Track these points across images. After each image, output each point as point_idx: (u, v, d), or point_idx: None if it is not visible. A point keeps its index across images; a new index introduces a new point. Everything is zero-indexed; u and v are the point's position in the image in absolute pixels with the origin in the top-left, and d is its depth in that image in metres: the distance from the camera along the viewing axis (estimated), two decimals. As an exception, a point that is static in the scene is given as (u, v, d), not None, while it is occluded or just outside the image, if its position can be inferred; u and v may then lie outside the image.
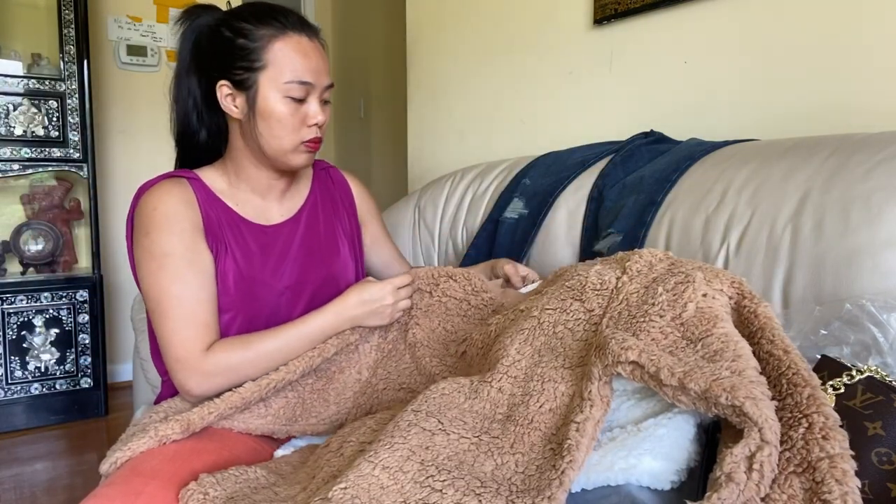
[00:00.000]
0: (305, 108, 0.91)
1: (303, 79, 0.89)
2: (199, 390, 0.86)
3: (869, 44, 1.03)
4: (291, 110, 0.90)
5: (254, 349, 0.88)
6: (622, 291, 0.73)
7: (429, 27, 2.07)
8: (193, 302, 0.87)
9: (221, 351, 0.86)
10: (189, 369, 0.85)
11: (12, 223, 2.40)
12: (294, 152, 0.93)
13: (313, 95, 0.91)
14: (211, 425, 0.85)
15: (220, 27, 0.91)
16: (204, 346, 0.86)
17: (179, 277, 0.87)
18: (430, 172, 2.06)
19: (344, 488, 0.58)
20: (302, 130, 0.92)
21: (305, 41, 0.90)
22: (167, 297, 0.87)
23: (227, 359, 0.86)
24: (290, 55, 0.88)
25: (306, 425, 0.91)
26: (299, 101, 0.90)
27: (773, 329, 0.63)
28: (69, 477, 1.92)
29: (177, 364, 0.86)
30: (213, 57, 0.91)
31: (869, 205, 0.76)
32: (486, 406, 0.71)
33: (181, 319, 0.86)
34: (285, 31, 0.89)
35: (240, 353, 0.87)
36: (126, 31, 2.72)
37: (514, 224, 1.26)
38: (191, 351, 0.86)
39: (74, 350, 2.34)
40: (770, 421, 0.51)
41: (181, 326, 0.86)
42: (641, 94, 1.41)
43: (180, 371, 0.86)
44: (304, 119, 0.91)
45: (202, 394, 0.87)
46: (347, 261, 1.07)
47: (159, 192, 0.90)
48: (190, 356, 0.86)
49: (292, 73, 0.88)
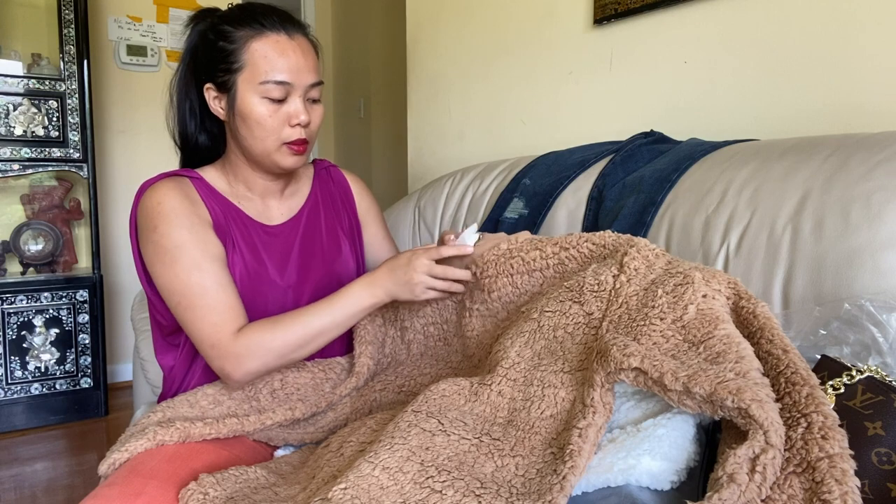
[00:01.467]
0: (286, 108, 0.89)
1: (278, 78, 0.87)
2: (237, 374, 0.84)
3: (869, 44, 1.03)
4: (271, 111, 0.88)
5: (285, 327, 0.85)
6: (621, 294, 0.72)
7: (429, 27, 2.07)
8: (216, 287, 0.85)
9: (252, 332, 0.84)
10: (223, 355, 0.84)
11: (12, 223, 2.40)
12: (278, 153, 0.91)
13: (295, 95, 0.89)
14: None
15: (207, 31, 0.91)
16: (234, 328, 0.84)
17: (196, 266, 0.85)
18: (430, 172, 2.05)
19: (344, 489, 0.58)
20: (284, 131, 0.89)
21: (284, 40, 0.88)
22: (188, 287, 0.85)
23: (258, 338, 0.84)
24: (266, 55, 0.87)
25: (304, 433, 0.90)
26: (279, 101, 0.88)
27: (772, 329, 0.62)
28: (69, 477, 1.92)
29: (212, 351, 0.84)
30: (202, 60, 0.92)
31: (869, 205, 0.75)
32: (486, 409, 0.70)
33: (207, 308, 0.84)
34: (263, 32, 0.88)
35: (270, 332, 0.84)
36: (126, 31, 2.72)
37: (514, 224, 1.26)
38: (221, 335, 0.84)
39: (74, 350, 2.34)
40: (776, 424, 0.51)
41: (208, 313, 0.84)
42: (641, 94, 1.41)
43: (216, 358, 0.84)
44: (287, 119, 0.89)
45: (242, 378, 0.85)
46: (349, 259, 1.07)
47: (162, 188, 0.89)
48: (221, 340, 0.84)
49: (267, 73, 0.87)
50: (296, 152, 0.92)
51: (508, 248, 0.88)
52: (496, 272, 0.88)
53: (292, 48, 0.89)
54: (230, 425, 0.84)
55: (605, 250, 0.80)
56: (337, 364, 0.99)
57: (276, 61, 0.87)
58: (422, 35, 2.10)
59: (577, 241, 0.83)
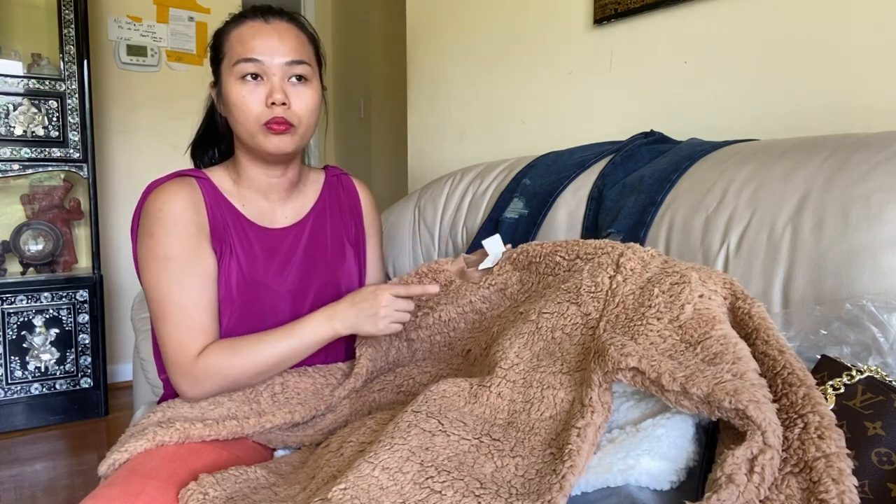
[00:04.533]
0: (262, 87, 0.89)
1: (248, 55, 0.88)
2: (191, 393, 0.88)
3: (869, 44, 1.03)
4: (247, 91, 0.89)
5: (242, 354, 0.88)
6: (617, 294, 0.72)
7: (429, 27, 2.07)
8: (192, 307, 0.88)
9: (210, 356, 0.87)
10: (181, 373, 0.87)
11: (12, 223, 2.40)
12: (260, 135, 0.91)
13: (270, 73, 0.89)
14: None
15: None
16: (197, 350, 0.87)
17: (179, 282, 0.88)
18: (430, 172, 2.05)
19: (344, 489, 0.58)
20: (261, 111, 0.90)
21: (259, 24, 0.91)
22: (167, 301, 0.87)
23: (215, 364, 0.87)
24: (240, 39, 0.90)
25: (304, 436, 0.90)
26: (255, 81, 0.89)
27: (767, 329, 0.62)
28: (69, 477, 1.92)
29: (172, 366, 0.88)
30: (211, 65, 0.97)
31: (869, 205, 0.75)
32: (485, 411, 0.70)
33: (178, 324, 0.87)
34: (242, 21, 0.92)
35: (227, 358, 0.87)
36: (126, 31, 2.72)
37: (514, 224, 1.26)
38: (184, 355, 0.87)
39: (74, 350, 2.34)
40: (773, 425, 0.51)
41: (177, 330, 0.87)
42: (641, 94, 1.41)
43: (174, 374, 0.88)
44: (264, 99, 0.90)
45: (196, 397, 0.89)
46: (352, 268, 1.07)
47: (167, 192, 0.90)
48: (183, 360, 0.87)
49: (240, 53, 0.89)
50: (275, 132, 0.90)
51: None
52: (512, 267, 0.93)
53: (266, 30, 0.91)
54: (230, 427, 0.84)
55: (599, 251, 0.81)
56: (338, 370, 1.00)
57: (248, 42, 0.90)
58: (422, 35, 2.10)
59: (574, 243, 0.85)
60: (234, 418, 0.86)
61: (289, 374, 0.95)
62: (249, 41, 0.89)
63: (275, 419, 0.87)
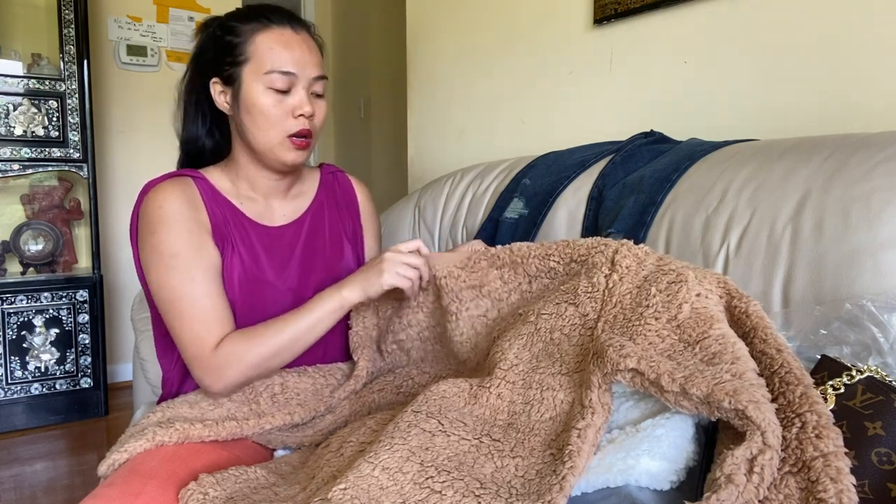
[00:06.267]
0: (290, 99, 0.90)
1: (283, 68, 0.88)
2: (216, 387, 0.87)
3: (868, 43, 1.03)
4: (274, 101, 0.89)
5: (259, 338, 0.87)
6: (615, 293, 0.72)
7: (429, 27, 2.07)
8: (204, 299, 0.87)
9: (228, 344, 0.86)
10: (203, 367, 0.86)
11: (12, 223, 2.40)
12: (281, 147, 0.92)
13: (298, 86, 0.90)
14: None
15: (214, 29, 0.93)
16: (215, 342, 0.86)
17: (189, 277, 0.87)
18: (430, 172, 2.05)
19: (344, 489, 0.58)
20: (288, 122, 0.90)
21: (289, 33, 0.90)
22: (178, 298, 0.87)
23: (234, 350, 0.86)
24: (271, 46, 0.89)
25: (303, 437, 0.90)
26: (283, 92, 0.89)
27: (765, 328, 0.62)
28: (69, 477, 1.92)
29: (193, 362, 0.87)
30: (208, 57, 0.93)
31: (869, 205, 0.75)
32: (485, 412, 0.70)
33: (193, 319, 0.86)
34: (268, 25, 0.90)
35: (245, 343, 0.86)
36: (126, 31, 2.72)
37: (514, 224, 1.26)
38: (203, 348, 0.86)
39: (74, 350, 2.34)
40: (773, 425, 0.51)
41: (193, 325, 0.86)
42: (641, 94, 1.41)
43: (197, 369, 0.87)
44: (291, 111, 0.90)
45: (222, 389, 0.87)
46: (351, 263, 1.07)
47: (165, 190, 0.90)
48: (202, 353, 0.86)
49: (272, 63, 0.88)
50: (298, 146, 0.92)
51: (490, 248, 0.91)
52: (488, 265, 0.90)
53: (297, 41, 0.90)
54: (229, 428, 0.84)
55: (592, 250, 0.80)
56: (338, 370, 1.00)
57: (281, 53, 0.89)
58: (422, 35, 2.10)
59: (559, 243, 0.84)
60: (234, 419, 0.86)
61: (288, 374, 0.95)
62: (282, 51, 0.89)
63: (274, 420, 0.87)
